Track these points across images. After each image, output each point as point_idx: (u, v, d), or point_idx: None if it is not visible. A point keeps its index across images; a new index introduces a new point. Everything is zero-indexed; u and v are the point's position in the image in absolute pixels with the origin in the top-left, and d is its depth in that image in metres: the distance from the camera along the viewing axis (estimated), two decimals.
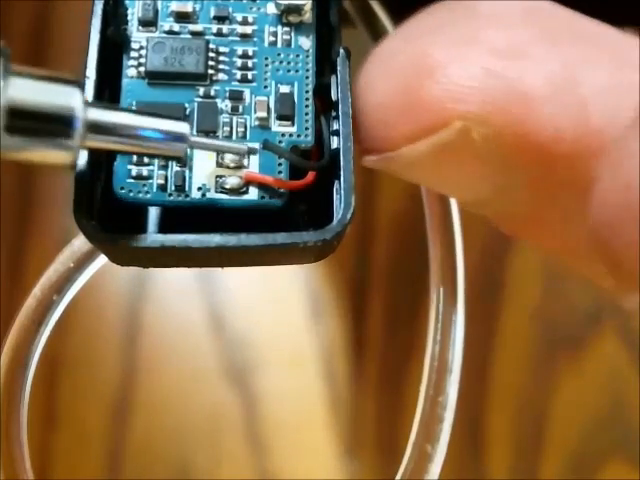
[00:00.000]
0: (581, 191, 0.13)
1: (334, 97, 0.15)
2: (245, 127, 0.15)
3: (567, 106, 0.12)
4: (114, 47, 0.16)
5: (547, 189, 0.13)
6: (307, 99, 0.15)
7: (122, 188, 0.15)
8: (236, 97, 0.15)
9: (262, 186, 0.15)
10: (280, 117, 0.15)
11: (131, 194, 0.15)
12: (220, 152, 0.15)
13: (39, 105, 0.13)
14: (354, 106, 0.15)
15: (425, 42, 0.14)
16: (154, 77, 0.15)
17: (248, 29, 0.16)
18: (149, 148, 0.14)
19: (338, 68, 0.15)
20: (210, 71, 0.15)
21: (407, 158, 0.14)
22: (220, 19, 0.16)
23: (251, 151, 0.15)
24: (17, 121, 0.12)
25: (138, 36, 0.16)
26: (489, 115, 0.13)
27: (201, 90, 0.15)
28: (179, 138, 0.14)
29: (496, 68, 0.13)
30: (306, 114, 0.15)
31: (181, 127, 0.14)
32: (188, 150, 0.15)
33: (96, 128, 0.13)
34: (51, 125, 0.13)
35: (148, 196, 0.15)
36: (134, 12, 0.16)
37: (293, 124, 0.15)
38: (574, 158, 0.13)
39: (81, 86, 0.13)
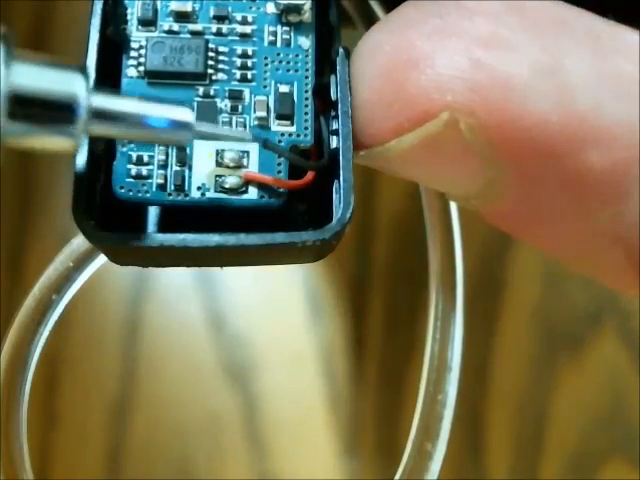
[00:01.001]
0: (574, 187, 0.13)
1: (333, 97, 0.15)
2: (244, 126, 0.15)
3: (551, 94, 0.12)
4: (114, 47, 0.16)
5: (537, 183, 0.13)
6: (306, 99, 0.15)
7: (121, 187, 0.15)
8: (235, 97, 0.15)
9: (261, 186, 0.15)
10: (279, 117, 0.15)
11: (130, 193, 0.15)
12: (224, 140, 0.15)
13: (42, 91, 0.12)
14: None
15: (410, 33, 0.14)
16: (154, 76, 0.15)
17: (247, 29, 0.16)
18: (153, 135, 0.14)
19: (337, 68, 0.15)
20: (209, 70, 0.15)
21: (395, 152, 0.14)
22: (219, 19, 0.16)
23: (256, 139, 0.15)
24: (20, 108, 0.12)
25: (138, 36, 0.16)
26: (475, 104, 0.13)
27: (200, 90, 0.15)
28: (183, 125, 0.14)
29: (481, 58, 0.13)
30: (305, 114, 0.15)
31: (185, 114, 0.14)
32: (188, 150, 0.15)
33: (100, 115, 0.13)
34: (54, 112, 0.13)
35: (147, 195, 0.15)
36: (133, 12, 0.16)
37: (292, 124, 0.15)
38: (562, 147, 0.13)
39: (85, 72, 0.13)
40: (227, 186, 0.15)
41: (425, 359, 0.16)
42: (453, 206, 0.17)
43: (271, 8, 0.16)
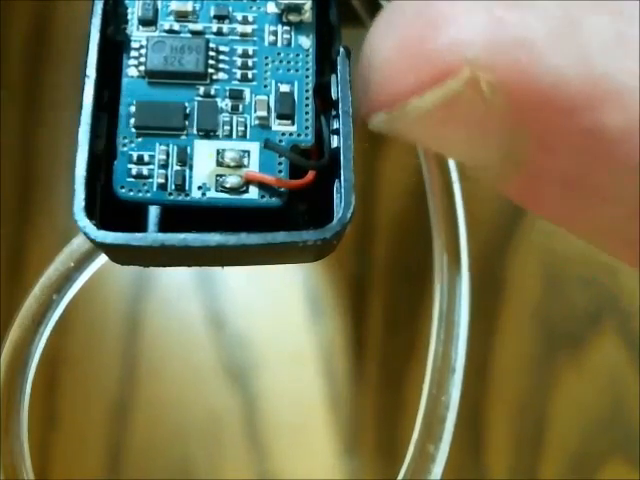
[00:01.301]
0: (588, 147, 0.13)
1: (334, 96, 0.15)
2: (245, 126, 0.15)
3: (570, 52, 0.13)
4: (114, 46, 0.16)
5: (552, 145, 0.13)
6: (307, 98, 0.15)
7: (122, 187, 0.15)
8: (236, 96, 0.15)
9: (262, 185, 0.15)
10: (280, 116, 0.15)
11: (131, 193, 0.15)
12: None
13: None
14: (360, 67, 0.15)
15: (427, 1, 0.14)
16: (154, 76, 0.15)
17: (248, 28, 0.16)
18: None
19: (338, 67, 0.15)
20: (210, 70, 0.15)
21: (415, 112, 0.14)
22: (220, 18, 0.16)
23: None
24: None
25: (138, 35, 0.16)
26: (496, 61, 0.13)
27: (201, 89, 0.15)
28: None
29: (502, 16, 0.13)
30: (306, 113, 0.15)
31: None
32: (188, 149, 0.15)
33: None
34: None
35: (148, 195, 0.15)
36: (134, 11, 0.16)
37: (293, 123, 0.15)
38: (580, 104, 0.13)
39: None
40: (228, 186, 0.15)
41: (429, 360, 0.16)
42: (459, 203, 0.17)
43: (272, 8, 0.16)
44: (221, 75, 0.15)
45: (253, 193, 0.15)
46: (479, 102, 0.13)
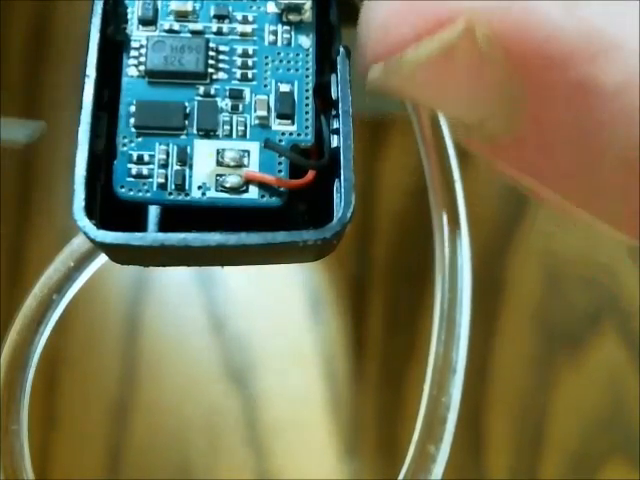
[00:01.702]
0: (582, 102, 0.13)
1: (334, 96, 0.15)
2: (245, 126, 0.15)
3: (567, 5, 0.13)
4: (114, 46, 0.16)
5: (547, 100, 0.13)
6: (307, 98, 0.15)
7: (122, 187, 0.15)
8: (236, 96, 0.15)
9: (262, 185, 0.15)
10: (280, 116, 0.15)
11: (131, 193, 0.15)
12: None
13: None
14: (359, 33, 0.15)
15: None
16: (154, 76, 0.15)
17: (248, 28, 0.16)
18: None
19: (338, 67, 0.15)
20: (210, 70, 0.15)
21: (411, 64, 0.14)
22: (220, 18, 0.16)
23: None
24: None
25: (138, 35, 0.16)
26: (491, 13, 0.13)
27: (201, 89, 0.15)
28: None
29: None
30: (306, 113, 0.15)
31: None
32: (188, 149, 0.15)
33: None
34: None
35: (148, 195, 0.15)
36: (134, 11, 0.16)
37: (293, 123, 0.15)
38: (574, 59, 0.13)
39: None
40: (228, 185, 0.15)
41: (429, 360, 0.16)
42: (460, 203, 0.17)
43: (272, 7, 0.16)
44: (221, 75, 0.15)
45: (253, 193, 0.15)
46: (475, 54, 0.13)
